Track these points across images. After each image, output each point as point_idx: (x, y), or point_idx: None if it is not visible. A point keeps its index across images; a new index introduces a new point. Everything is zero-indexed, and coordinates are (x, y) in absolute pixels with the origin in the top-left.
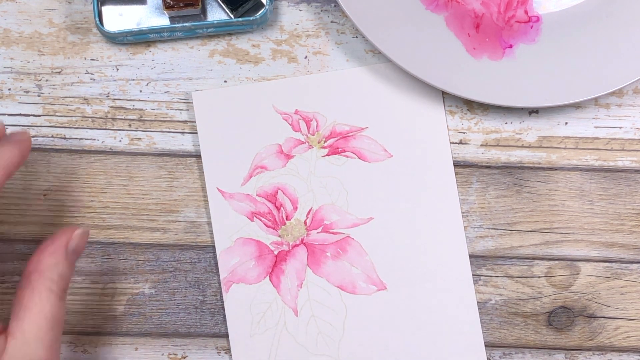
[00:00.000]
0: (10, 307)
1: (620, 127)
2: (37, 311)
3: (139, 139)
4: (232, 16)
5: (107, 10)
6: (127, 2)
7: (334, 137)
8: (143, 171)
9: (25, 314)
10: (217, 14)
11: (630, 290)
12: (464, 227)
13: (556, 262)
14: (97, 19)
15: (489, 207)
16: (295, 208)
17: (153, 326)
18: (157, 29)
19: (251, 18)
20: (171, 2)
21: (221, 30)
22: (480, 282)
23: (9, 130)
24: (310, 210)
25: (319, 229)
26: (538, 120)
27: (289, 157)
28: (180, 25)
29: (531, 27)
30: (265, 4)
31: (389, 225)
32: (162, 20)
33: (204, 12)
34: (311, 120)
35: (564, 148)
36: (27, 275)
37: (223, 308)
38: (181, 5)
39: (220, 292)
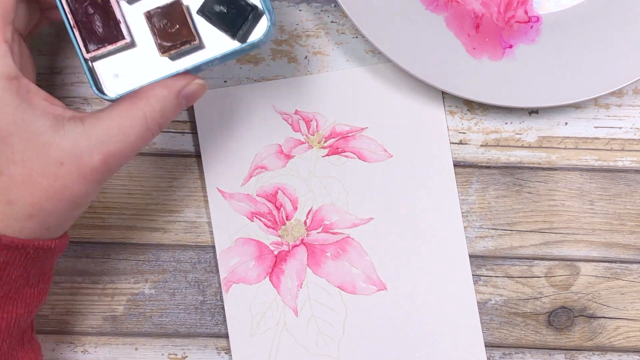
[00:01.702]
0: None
1: (620, 127)
2: (118, 123)
3: None
4: (235, 40)
5: (100, 68)
6: (117, 51)
7: (334, 137)
8: (143, 171)
9: (105, 115)
10: (215, 39)
11: (630, 290)
12: (464, 227)
13: (556, 262)
14: (94, 88)
15: (489, 207)
16: (295, 208)
17: (153, 326)
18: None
19: (256, 40)
20: (166, 45)
21: (228, 60)
22: (480, 282)
23: None
24: (310, 210)
25: (319, 229)
26: (538, 120)
27: (289, 157)
28: (183, 69)
29: (531, 27)
30: (265, 15)
31: (389, 225)
32: (161, 62)
33: (200, 39)
34: (311, 120)
35: (564, 148)
36: (131, 94)
37: (223, 308)
38: (178, 45)
39: (220, 292)
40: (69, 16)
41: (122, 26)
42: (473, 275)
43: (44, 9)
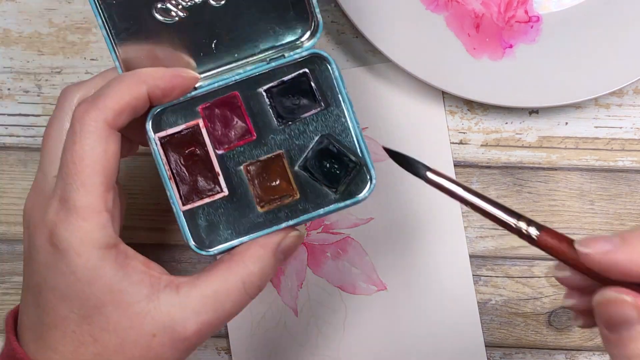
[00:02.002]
0: (10, 308)
1: (620, 127)
2: (214, 291)
3: None
4: (337, 195)
5: (196, 220)
6: (215, 203)
7: None
8: (143, 171)
9: (200, 282)
10: (316, 192)
11: None
12: (464, 227)
13: (556, 262)
14: (191, 244)
15: None
16: None
17: None
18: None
19: (360, 198)
20: (266, 199)
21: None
22: (481, 282)
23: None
24: None
25: (319, 229)
26: (538, 120)
27: None
28: (283, 225)
29: (531, 27)
30: (368, 172)
31: (389, 225)
32: (260, 214)
33: (300, 192)
34: None
35: (564, 148)
36: (227, 256)
37: None
38: (277, 200)
39: None
40: (166, 167)
41: (221, 178)
42: (473, 275)
43: (135, 142)
